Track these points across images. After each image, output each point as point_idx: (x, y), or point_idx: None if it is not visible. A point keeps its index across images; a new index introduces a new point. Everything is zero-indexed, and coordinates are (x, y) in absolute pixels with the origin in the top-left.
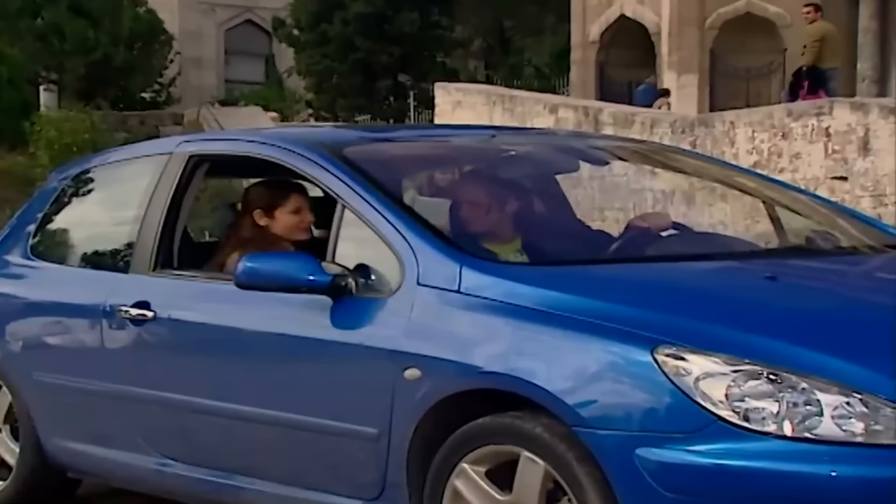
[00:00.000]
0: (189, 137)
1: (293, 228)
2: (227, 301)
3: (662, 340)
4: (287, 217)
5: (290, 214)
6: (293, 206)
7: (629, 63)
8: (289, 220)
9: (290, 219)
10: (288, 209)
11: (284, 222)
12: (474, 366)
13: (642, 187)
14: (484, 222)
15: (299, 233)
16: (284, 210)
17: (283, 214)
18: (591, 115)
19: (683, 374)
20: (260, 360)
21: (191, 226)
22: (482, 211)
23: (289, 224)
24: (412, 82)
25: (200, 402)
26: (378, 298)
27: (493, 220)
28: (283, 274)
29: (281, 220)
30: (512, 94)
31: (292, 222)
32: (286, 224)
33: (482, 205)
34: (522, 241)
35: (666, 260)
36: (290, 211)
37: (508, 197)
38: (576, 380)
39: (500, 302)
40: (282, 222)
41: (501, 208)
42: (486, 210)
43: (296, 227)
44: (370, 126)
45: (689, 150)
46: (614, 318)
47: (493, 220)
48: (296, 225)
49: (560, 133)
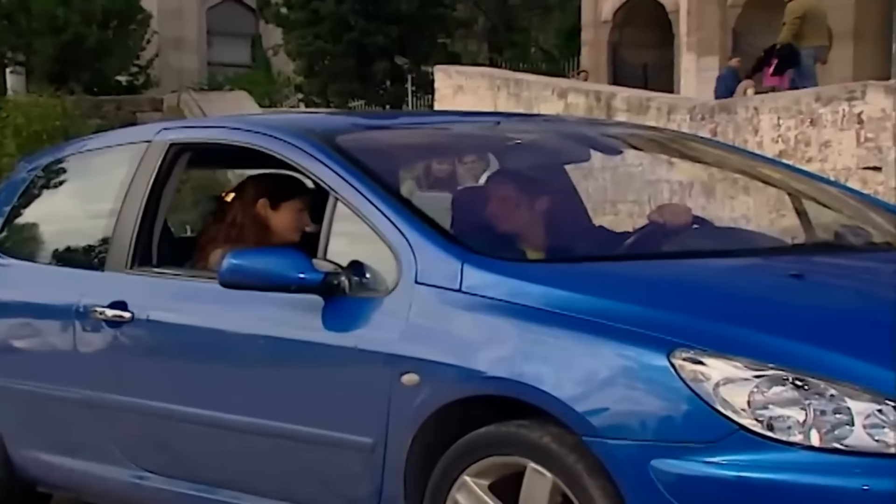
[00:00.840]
0: (169, 124)
1: (293, 227)
2: (210, 301)
3: (679, 343)
4: (291, 214)
5: (295, 212)
6: (299, 205)
7: (644, 44)
8: (292, 218)
9: (293, 216)
10: (295, 206)
11: (287, 218)
12: (477, 370)
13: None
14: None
15: (295, 233)
16: (291, 206)
17: (289, 210)
18: (604, 100)
19: (702, 379)
20: (246, 365)
21: (171, 220)
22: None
23: (291, 221)
24: (410, 65)
25: (181, 410)
26: (373, 298)
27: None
28: (271, 271)
29: (284, 216)
30: (518, 77)
31: (294, 220)
32: (288, 220)
33: (490, 199)
34: (529, 236)
35: (684, 257)
36: (296, 209)
37: (514, 189)
38: (586, 386)
39: (505, 302)
40: (285, 218)
41: (509, 202)
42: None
43: (295, 226)
44: (365, 112)
45: (709, 139)
46: (628, 320)
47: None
48: (296, 224)
49: (570, 120)
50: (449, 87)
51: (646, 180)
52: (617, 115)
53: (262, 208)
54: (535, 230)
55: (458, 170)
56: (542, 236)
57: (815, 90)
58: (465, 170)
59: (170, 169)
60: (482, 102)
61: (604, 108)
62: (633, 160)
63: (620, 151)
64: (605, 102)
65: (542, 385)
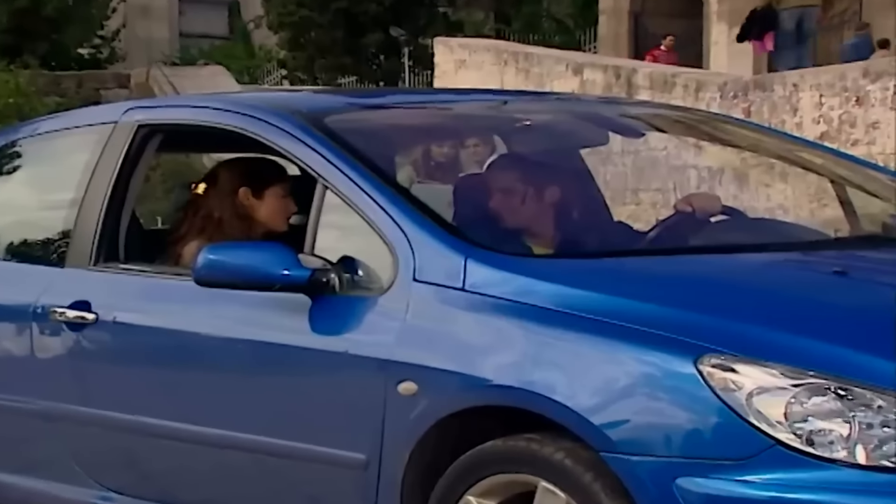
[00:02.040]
0: (137, 103)
1: (279, 215)
2: (183, 301)
3: (708, 348)
4: (276, 201)
5: (280, 199)
6: (283, 191)
7: (669, 13)
8: (278, 206)
9: (279, 204)
10: (278, 192)
11: (273, 207)
12: (482, 378)
13: (685, 164)
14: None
15: (282, 222)
16: (275, 192)
17: (274, 197)
18: (624, 76)
19: (734, 388)
20: (224, 373)
21: (140, 210)
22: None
23: (277, 210)
24: (407, 37)
25: (151, 423)
26: (366, 297)
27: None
28: (253, 268)
29: (269, 204)
30: (527, 51)
31: (280, 208)
32: (274, 208)
33: (496, 187)
34: (539, 228)
35: (713, 252)
36: (281, 195)
37: (523, 177)
38: (604, 395)
39: (513, 301)
40: (270, 206)
41: (517, 191)
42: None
43: (282, 214)
44: (356, 90)
45: (741, 119)
46: (650, 321)
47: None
48: (282, 211)
49: (586, 99)
50: (450, 61)
51: (671, 166)
52: (638, 93)
53: (244, 198)
54: (546, 222)
55: (461, 155)
56: (554, 229)
57: (862, 65)
58: (469, 155)
59: (138, 153)
60: (487, 79)
61: (624, 86)
62: (656, 143)
63: (642, 134)
64: (625, 79)
65: (554, 394)
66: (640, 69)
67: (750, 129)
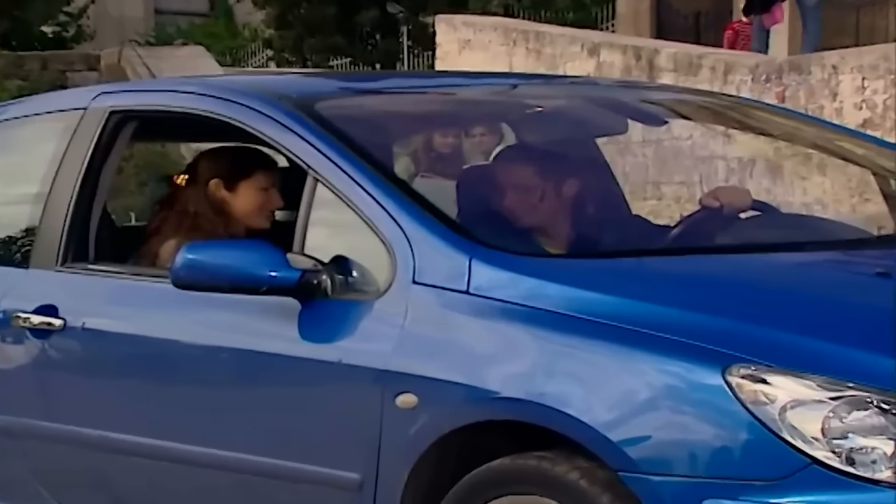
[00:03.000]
0: (108, 88)
1: (257, 210)
2: (160, 305)
3: (737, 357)
4: (253, 194)
5: (258, 191)
6: (262, 182)
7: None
8: (254, 199)
9: (256, 196)
10: (256, 184)
11: (248, 200)
12: (488, 390)
13: (712, 154)
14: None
15: (262, 218)
16: (251, 184)
17: (249, 189)
18: (645, 57)
19: (765, 401)
20: (205, 385)
21: (112, 205)
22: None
23: (253, 203)
24: (406, 14)
25: (124, 440)
26: (361, 301)
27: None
28: (236, 269)
29: (244, 197)
30: (539, 29)
31: (258, 201)
32: (250, 203)
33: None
34: (551, 225)
35: (743, 251)
36: (259, 187)
37: (534, 169)
38: (623, 409)
39: (523, 305)
40: (245, 199)
41: (527, 184)
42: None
43: (260, 210)
44: (350, 73)
45: (775, 105)
46: (673, 328)
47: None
48: (261, 206)
49: (603, 83)
50: (453, 41)
51: (696, 157)
52: (661, 76)
53: (214, 190)
54: (559, 218)
55: (465, 144)
56: (567, 226)
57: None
58: (474, 144)
59: (110, 143)
60: (495, 61)
61: (645, 68)
62: (680, 132)
63: (665, 121)
64: (646, 60)
65: (567, 408)
66: (662, 50)
67: (784, 115)
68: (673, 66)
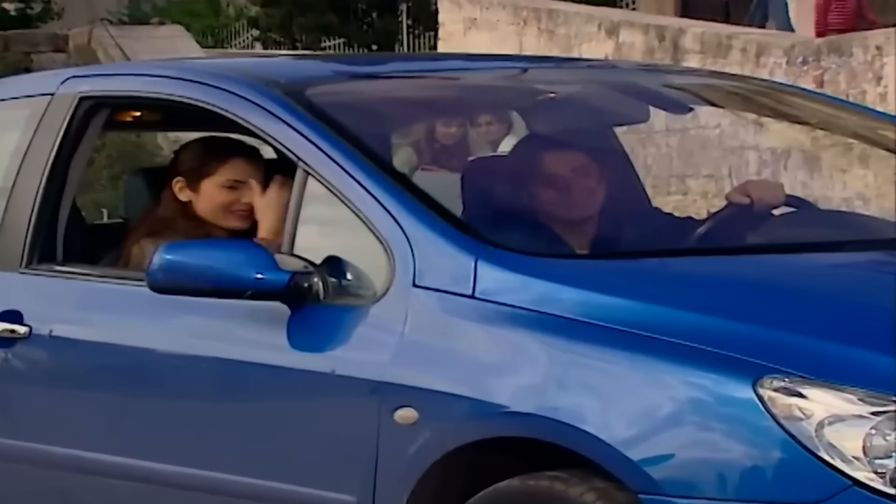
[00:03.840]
0: (78, 72)
1: (220, 211)
2: (135, 311)
3: (770, 368)
4: (216, 193)
5: (220, 189)
6: (228, 178)
7: None
8: (219, 198)
9: (220, 196)
10: (218, 181)
11: (213, 200)
12: (496, 404)
13: (742, 144)
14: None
15: (232, 218)
16: (213, 181)
17: (212, 188)
18: (669, 38)
19: (801, 416)
20: (184, 398)
21: (82, 201)
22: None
23: (219, 203)
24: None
25: (94, 459)
26: (356, 306)
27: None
28: (219, 271)
29: (208, 197)
30: (552, 7)
31: (219, 201)
32: (215, 203)
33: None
34: (565, 223)
35: (776, 251)
36: (221, 184)
37: (546, 161)
38: (644, 425)
39: (535, 311)
40: (209, 200)
41: (539, 178)
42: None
43: (224, 210)
44: (344, 56)
45: (812, 91)
46: (700, 336)
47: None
48: (224, 206)
49: (622, 66)
50: (458, 20)
51: (725, 147)
52: (687, 58)
53: (178, 192)
54: (573, 215)
55: (471, 134)
56: (582, 223)
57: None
58: (480, 134)
59: (80, 132)
60: (503, 42)
61: (669, 50)
62: (707, 120)
63: (691, 108)
64: (670, 41)
65: (583, 424)
66: (688, 29)
67: (822, 102)
68: (700, 48)
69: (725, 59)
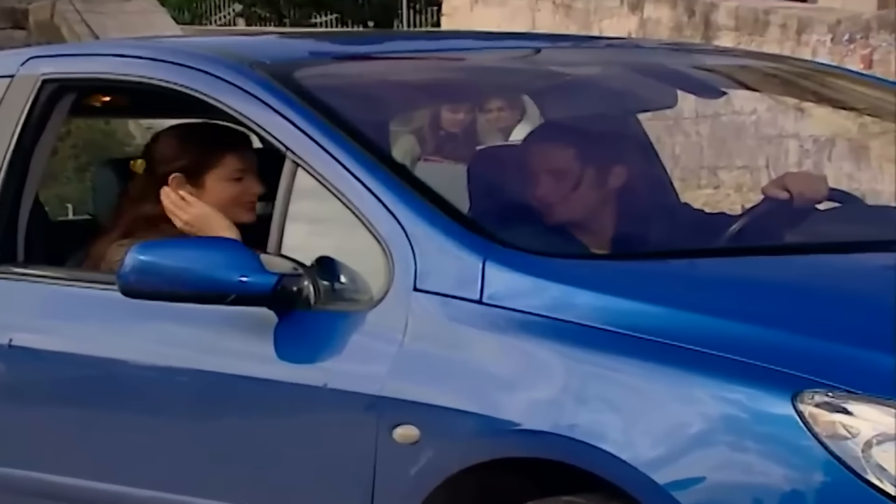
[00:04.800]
0: (41, 51)
1: (232, 205)
2: (106, 317)
3: (811, 381)
4: (224, 186)
5: (229, 182)
6: (233, 169)
7: None
8: (227, 192)
9: (228, 189)
10: (226, 173)
11: (220, 195)
12: (506, 421)
13: (781, 133)
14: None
15: (241, 211)
16: (221, 174)
17: (219, 182)
18: (699, 13)
19: (846, 435)
20: (160, 414)
21: (45, 195)
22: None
23: (227, 197)
24: None
25: (60, 483)
26: (351, 312)
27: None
28: (198, 273)
29: (214, 192)
30: None
31: (231, 194)
32: (222, 197)
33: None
34: (583, 220)
35: (818, 251)
36: (229, 176)
37: (561, 151)
38: (671, 445)
39: (549, 318)
40: (215, 194)
41: (553, 170)
42: None
43: (238, 203)
44: (337, 34)
45: (860, 72)
46: (733, 346)
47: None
48: (237, 198)
49: (647, 45)
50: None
51: (762, 136)
52: (719, 36)
53: (177, 187)
54: (592, 211)
55: (480, 121)
56: (602, 221)
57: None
58: (490, 121)
59: (43, 118)
60: (514, 19)
61: (699, 26)
62: (742, 105)
63: (724, 93)
64: (700, 17)
65: (603, 443)
66: (721, 3)
67: (871, 84)
68: (734, 24)
69: (762, 37)
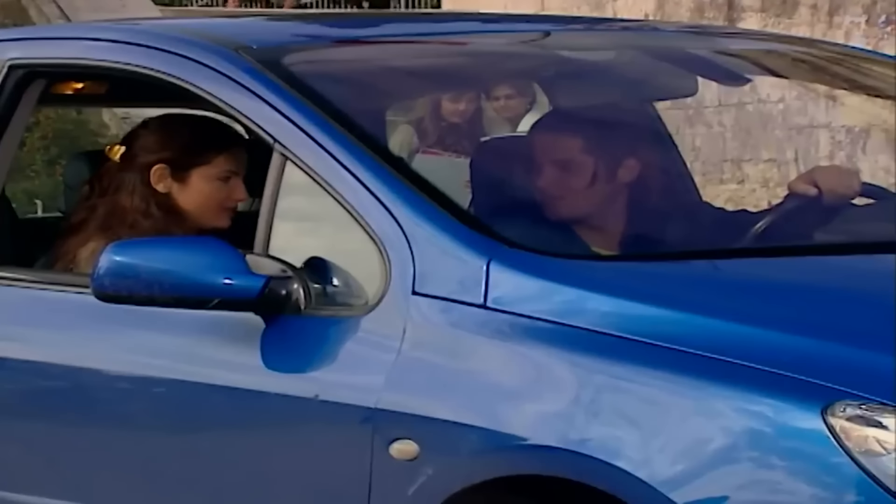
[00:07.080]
0: (7, 35)
1: (215, 206)
2: (78, 323)
3: (843, 392)
4: (211, 186)
5: (216, 182)
6: (222, 168)
7: None
8: (212, 191)
9: (215, 189)
10: (215, 171)
11: (204, 193)
12: (511, 435)
13: (811, 123)
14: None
15: (221, 215)
16: (209, 172)
17: (206, 179)
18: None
19: (880, 450)
20: (136, 428)
21: (12, 189)
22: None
23: (210, 198)
24: None
25: (27, 502)
26: (344, 318)
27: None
28: (179, 275)
29: (199, 189)
30: None
31: (217, 195)
32: (206, 197)
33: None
34: (595, 218)
35: (849, 251)
36: (217, 176)
37: (572, 143)
38: (691, 462)
39: (559, 324)
40: (199, 192)
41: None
42: None
43: (219, 205)
44: (329, 16)
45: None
46: (758, 354)
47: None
48: (220, 201)
49: (664, 29)
50: None
51: (790, 126)
52: (743, 18)
53: (158, 179)
54: (605, 209)
55: (486, 110)
56: (616, 218)
57: None
58: (497, 110)
59: (9, 107)
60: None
61: (722, 7)
62: (769, 93)
63: (748, 79)
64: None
65: (617, 460)
66: None
67: None
68: (760, 5)
69: (791, 19)
